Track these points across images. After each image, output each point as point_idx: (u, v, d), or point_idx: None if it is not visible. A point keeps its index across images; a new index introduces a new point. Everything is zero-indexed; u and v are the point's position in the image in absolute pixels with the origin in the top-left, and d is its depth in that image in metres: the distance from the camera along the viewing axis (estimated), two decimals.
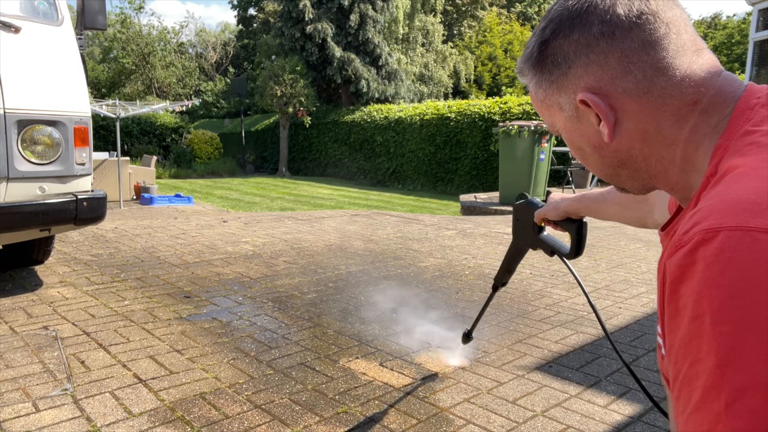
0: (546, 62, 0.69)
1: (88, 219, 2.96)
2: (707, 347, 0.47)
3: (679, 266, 0.52)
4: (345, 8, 19.74)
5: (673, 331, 0.53)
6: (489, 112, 13.96)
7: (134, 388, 2.07)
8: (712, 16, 31.87)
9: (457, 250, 4.80)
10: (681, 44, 0.64)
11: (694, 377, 0.48)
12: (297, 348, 2.51)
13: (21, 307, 2.96)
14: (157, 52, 29.30)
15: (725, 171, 0.58)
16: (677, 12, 0.65)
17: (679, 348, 0.51)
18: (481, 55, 30.15)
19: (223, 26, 41.68)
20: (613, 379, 2.26)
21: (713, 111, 0.63)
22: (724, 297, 0.47)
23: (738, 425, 0.44)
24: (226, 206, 10.07)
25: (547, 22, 0.69)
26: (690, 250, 0.51)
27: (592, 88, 0.66)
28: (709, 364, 0.47)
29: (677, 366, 0.52)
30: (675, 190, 0.70)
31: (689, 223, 0.54)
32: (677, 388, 0.52)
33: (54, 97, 2.87)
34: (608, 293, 3.53)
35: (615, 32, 0.63)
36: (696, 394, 0.48)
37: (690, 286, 0.50)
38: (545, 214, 1.32)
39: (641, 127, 0.66)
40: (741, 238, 0.48)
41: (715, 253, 0.49)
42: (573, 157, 0.80)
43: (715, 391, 0.46)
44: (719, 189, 0.56)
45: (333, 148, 19.48)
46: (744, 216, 0.49)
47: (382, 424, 1.86)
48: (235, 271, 3.88)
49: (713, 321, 0.47)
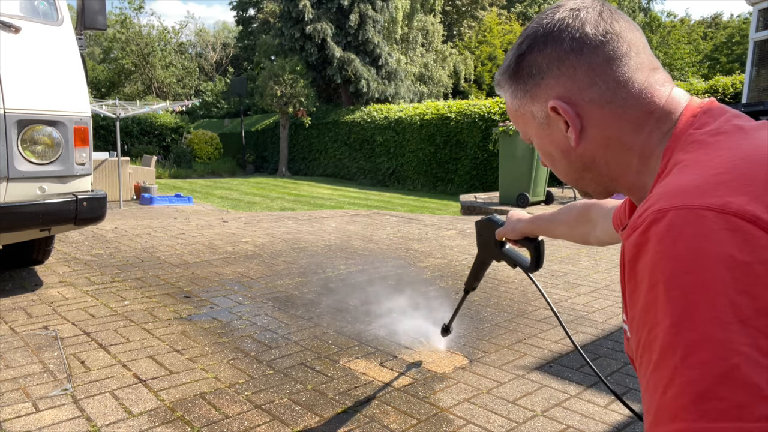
0: (522, 73, 0.77)
1: (88, 219, 2.96)
2: (662, 311, 0.53)
3: (635, 245, 0.59)
4: (345, 8, 19.73)
5: (634, 305, 0.58)
6: (489, 112, 13.95)
7: (134, 388, 2.07)
8: (713, 16, 31.86)
9: (457, 250, 4.80)
10: (640, 62, 0.73)
11: (653, 340, 0.54)
12: (297, 348, 2.51)
13: (21, 307, 2.96)
14: (157, 53, 29.29)
15: (672, 165, 0.66)
16: (637, 35, 0.74)
17: (639, 317, 0.57)
18: (481, 55, 30.14)
19: (221, 25, 41.68)
20: (613, 379, 2.26)
21: (665, 119, 0.71)
22: (674, 266, 0.53)
23: (693, 375, 0.49)
24: (226, 206, 10.07)
25: (524, 38, 0.77)
26: (643, 230, 0.58)
27: (562, 97, 0.74)
28: (664, 326, 0.53)
29: (638, 334, 0.57)
30: (632, 192, 0.77)
31: (642, 208, 0.61)
32: (639, 353, 0.57)
33: (54, 97, 2.87)
34: (608, 293, 3.53)
35: (583, 48, 0.72)
36: (655, 354, 0.53)
37: (645, 260, 0.56)
38: (505, 234, 1.43)
39: (604, 134, 0.74)
40: (686, 215, 0.55)
41: (665, 229, 0.55)
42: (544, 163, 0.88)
43: (671, 349, 0.51)
44: (667, 180, 0.64)
45: (333, 148, 19.47)
46: (688, 197, 0.56)
47: (382, 424, 1.86)
48: (235, 271, 3.88)
49: (666, 287, 0.53)
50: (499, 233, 1.45)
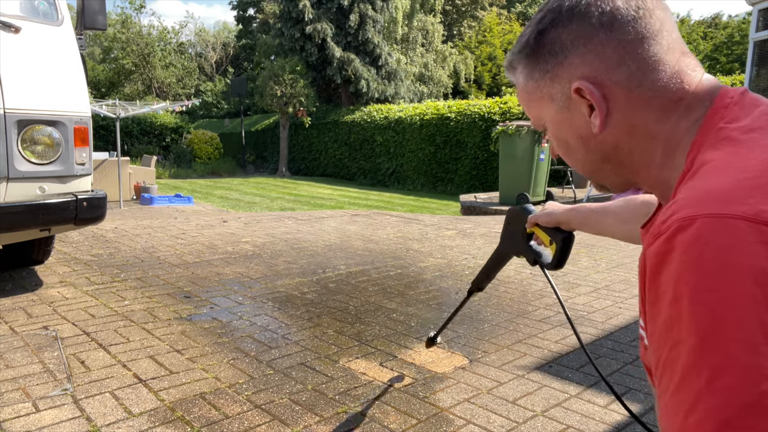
0: (542, 51, 0.70)
1: (88, 219, 2.96)
2: (687, 329, 0.49)
3: (658, 254, 0.54)
4: (345, 8, 19.74)
5: (654, 318, 0.54)
6: (489, 112, 13.96)
7: (134, 388, 2.07)
8: (713, 16, 31.87)
9: (457, 250, 4.80)
10: (671, 42, 0.66)
11: (675, 359, 0.50)
12: (297, 348, 2.51)
13: (21, 307, 2.96)
14: (157, 53, 29.31)
15: (700, 164, 0.61)
16: (668, 14, 0.67)
17: (660, 333, 0.53)
18: (481, 55, 30.13)
19: (221, 26, 41.68)
20: (613, 379, 2.26)
21: (694, 108, 0.65)
22: (700, 280, 0.49)
23: (718, 401, 0.46)
24: (226, 206, 10.07)
25: (545, 12, 0.70)
26: (668, 238, 0.53)
27: (587, 77, 0.67)
28: (688, 345, 0.49)
29: (659, 351, 0.53)
30: (654, 187, 0.72)
31: (667, 213, 0.56)
32: (659, 371, 0.53)
33: (54, 97, 2.87)
34: (608, 293, 3.53)
35: (614, 24, 0.65)
36: (677, 375, 0.49)
37: (669, 271, 0.52)
38: (537, 219, 1.31)
39: (630, 120, 0.68)
40: (715, 225, 0.50)
41: (691, 239, 0.51)
42: (556, 154, 0.83)
43: (695, 370, 0.48)
44: (694, 182, 0.59)
45: (333, 148, 19.48)
46: (718, 204, 0.52)
47: (382, 424, 1.86)
48: (235, 271, 3.88)
49: (691, 302, 0.49)
50: (531, 218, 1.33)
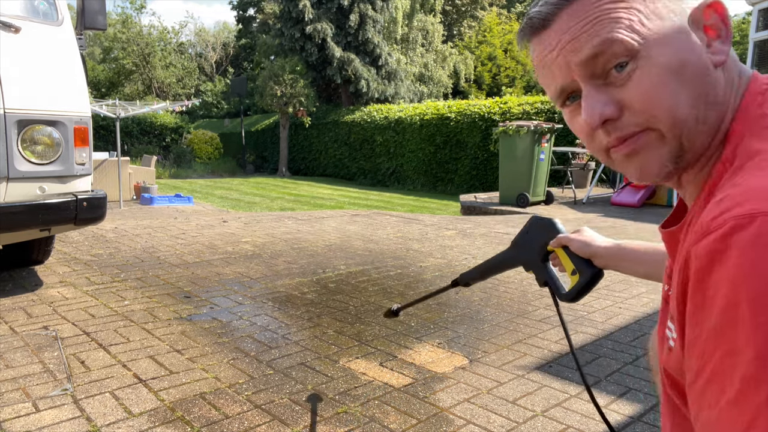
0: None
1: (88, 219, 2.96)
2: (745, 338, 0.44)
3: (709, 253, 0.49)
4: (345, 8, 19.74)
5: (700, 323, 0.50)
6: (489, 112, 13.96)
7: (134, 388, 2.07)
8: None
9: (457, 250, 4.80)
10: None
11: (728, 369, 0.46)
12: (297, 348, 2.51)
13: (21, 307, 2.96)
14: (157, 53, 29.32)
15: (747, 156, 0.55)
16: None
17: (707, 338, 0.48)
18: (481, 55, 30.12)
19: (221, 25, 41.66)
20: (613, 379, 2.26)
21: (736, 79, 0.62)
22: (764, 285, 0.44)
23: None
24: (226, 206, 10.07)
25: None
26: (722, 236, 0.48)
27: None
28: (747, 356, 0.44)
29: (704, 358, 0.49)
30: (690, 164, 0.63)
31: (717, 209, 0.51)
32: (704, 380, 0.48)
33: (54, 97, 2.87)
34: (608, 293, 3.53)
35: None
36: (732, 387, 0.45)
37: (722, 273, 0.47)
38: (568, 243, 1.14)
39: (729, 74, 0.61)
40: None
41: (751, 239, 0.46)
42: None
43: (755, 383, 0.43)
44: (746, 175, 0.53)
45: (333, 148, 19.48)
46: None
47: (382, 424, 1.86)
48: (235, 271, 3.88)
49: (752, 310, 0.44)
50: (561, 240, 1.16)
